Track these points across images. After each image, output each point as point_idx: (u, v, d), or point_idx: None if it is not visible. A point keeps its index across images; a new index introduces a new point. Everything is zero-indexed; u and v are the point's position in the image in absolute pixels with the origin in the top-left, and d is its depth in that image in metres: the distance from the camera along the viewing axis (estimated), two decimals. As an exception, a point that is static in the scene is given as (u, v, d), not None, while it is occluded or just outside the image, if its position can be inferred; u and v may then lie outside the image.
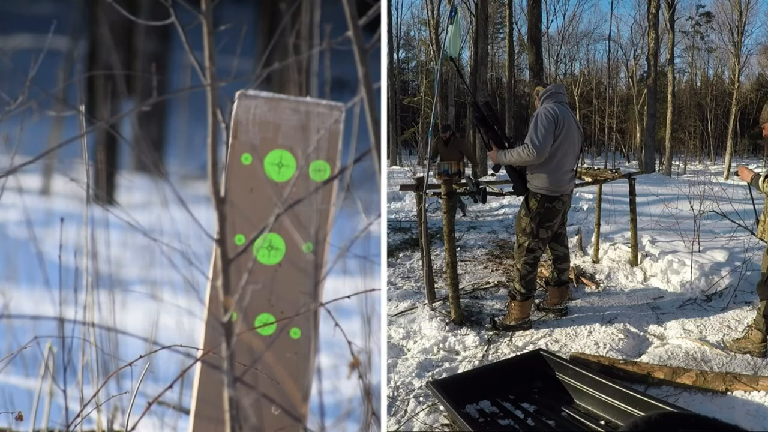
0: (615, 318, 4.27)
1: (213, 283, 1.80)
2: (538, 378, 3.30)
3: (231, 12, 5.08)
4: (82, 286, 2.54)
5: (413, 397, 3.25)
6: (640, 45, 24.13)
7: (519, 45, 22.60)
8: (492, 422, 3.02)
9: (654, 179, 10.87)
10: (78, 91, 5.17)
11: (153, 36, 6.43)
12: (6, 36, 7.35)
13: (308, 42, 1.91)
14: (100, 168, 5.07)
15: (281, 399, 1.81)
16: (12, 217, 5.03)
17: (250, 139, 1.88)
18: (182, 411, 2.98)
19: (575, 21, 27.72)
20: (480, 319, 4.36)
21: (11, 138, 2.69)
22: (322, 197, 1.86)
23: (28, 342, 2.18)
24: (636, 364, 3.41)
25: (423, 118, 21.39)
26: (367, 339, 1.85)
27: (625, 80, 27.55)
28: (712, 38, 24.56)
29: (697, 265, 4.95)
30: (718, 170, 20.87)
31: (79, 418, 2.04)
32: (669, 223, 6.33)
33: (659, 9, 17.60)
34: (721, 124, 26.16)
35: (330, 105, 1.90)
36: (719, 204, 6.11)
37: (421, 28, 25.81)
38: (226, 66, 1.85)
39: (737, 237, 5.57)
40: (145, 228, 1.83)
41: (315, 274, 1.80)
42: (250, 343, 1.82)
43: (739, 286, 4.59)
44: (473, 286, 5.17)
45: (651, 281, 5.18)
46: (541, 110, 3.97)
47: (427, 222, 4.71)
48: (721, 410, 3.01)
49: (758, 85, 25.49)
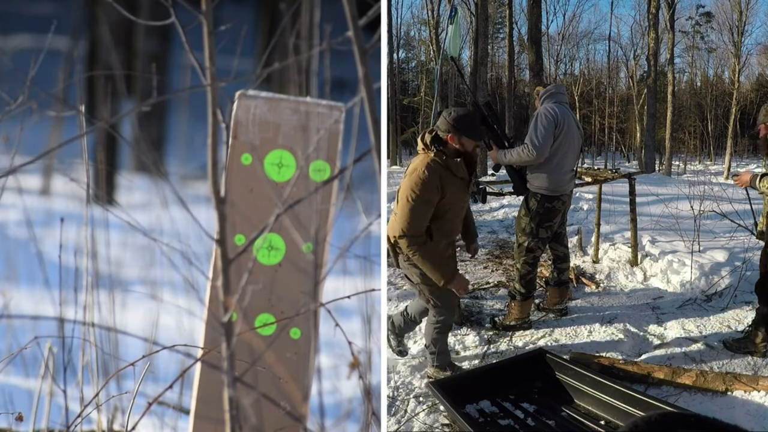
0: (615, 318, 4.27)
1: (213, 283, 1.80)
2: (538, 378, 3.30)
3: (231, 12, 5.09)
4: (82, 286, 2.54)
5: (413, 397, 3.25)
6: (640, 45, 24.15)
7: (519, 45, 22.62)
8: (492, 422, 3.02)
9: (654, 179, 10.87)
10: (78, 91, 5.17)
11: (153, 36, 6.43)
12: (6, 36, 7.35)
13: (308, 42, 1.91)
14: (100, 168, 5.07)
15: (281, 399, 1.81)
16: (12, 217, 5.03)
17: (250, 139, 1.88)
18: (182, 411, 2.98)
19: (575, 21, 27.77)
20: (480, 319, 4.37)
21: (11, 138, 2.69)
22: (322, 197, 1.86)
23: (28, 342, 2.18)
24: (636, 364, 3.41)
25: (423, 118, 21.40)
26: (367, 339, 1.85)
27: (625, 80, 27.58)
28: (712, 38, 24.58)
29: (697, 265, 4.95)
30: (718, 170, 20.90)
31: (79, 418, 2.04)
32: (669, 223, 6.33)
33: (659, 9, 17.61)
34: (721, 124, 26.18)
35: (330, 105, 1.90)
36: (719, 204, 6.10)
37: (421, 28, 25.83)
38: (226, 66, 1.85)
39: (737, 237, 5.57)
40: (145, 228, 1.83)
41: (315, 274, 1.80)
42: (250, 343, 1.82)
43: (739, 286, 4.59)
44: (473, 286, 5.17)
45: (651, 281, 5.18)
46: (541, 110, 3.97)
47: (427, 222, 4.71)
48: (721, 410, 3.01)
49: (758, 85, 25.51)
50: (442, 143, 3.10)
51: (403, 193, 3.05)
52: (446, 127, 3.08)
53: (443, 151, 3.09)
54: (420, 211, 3.02)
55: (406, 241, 3.03)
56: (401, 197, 3.07)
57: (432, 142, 3.10)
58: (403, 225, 3.03)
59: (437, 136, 3.12)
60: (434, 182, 3.02)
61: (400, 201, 3.08)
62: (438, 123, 3.16)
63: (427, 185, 3.00)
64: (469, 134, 3.08)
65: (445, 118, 3.10)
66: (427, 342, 3.47)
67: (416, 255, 3.06)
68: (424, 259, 3.08)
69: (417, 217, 3.02)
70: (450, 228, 3.21)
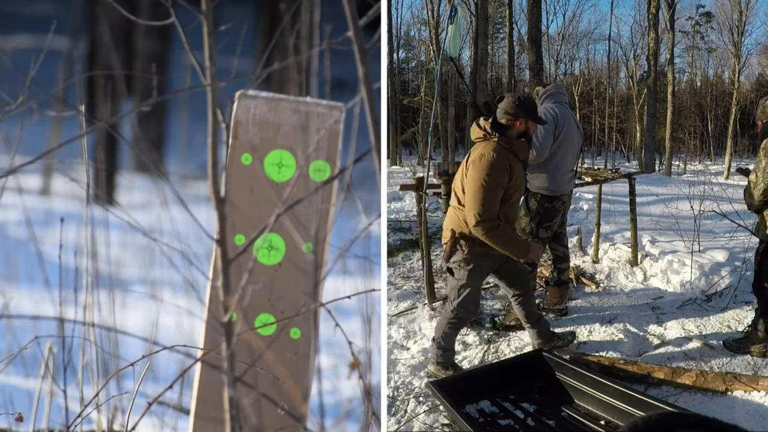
0: (615, 318, 4.27)
1: (213, 283, 1.80)
2: (538, 378, 3.30)
3: (231, 12, 5.08)
4: (82, 286, 2.55)
5: (413, 397, 3.25)
6: (640, 45, 24.13)
7: (519, 45, 22.60)
8: (492, 422, 3.02)
9: (654, 179, 10.86)
10: (78, 91, 5.17)
11: (153, 36, 6.43)
12: (6, 36, 7.35)
13: (308, 42, 1.91)
14: (100, 168, 5.07)
15: (281, 399, 1.81)
16: (12, 217, 5.03)
17: (250, 139, 1.88)
18: (182, 411, 2.98)
19: (575, 21, 27.74)
20: (480, 319, 4.36)
21: (11, 138, 2.69)
22: (322, 197, 1.86)
23: (28, 342, 2.18)
24: (636, 364, 3.41)
25: (423, 118, 21.38)
26: (367, 339, 1.85)
27: (625, 80, 27.56)
28: (712, 38, 24.57)
29: (697, 265, 4.95)
30: (718, 170, 20.89)
31: (79, 418, 2.04)
32: (669, 223, 6.33)
33: (659, 9, 17.60)
34: (721, 124, 26.18)
35: (330, 105, 1.90)
36: (719, 204, 6.10)
37: (421, 28, 25.80)
38: (226, 66, 1.85)
39: (737, 237, 5.57)
40: (145, 228, 1.83)
41: (315, 274, 1.80)
42: (250, 343, 1.82)
43: (739, 286, 4.59)
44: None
45: (651, 281, 5.18)
46: (540, 110, 3.97)
47: (427, 222, 4.72)
48: (721, 410, 3.01)
49: (758, 85, 25.50)
50: (503, 128, 3.22)
51: (474, 181, 3.13)
52: (515, 111, 3.20)
53: (506, 135, 3.21)
54: (493, 195, 3.13)
55: (482, 227, 3.13)
56: (471, 186, 3.15)
57: (492, 128, 3.21)
58: (477, 211, 3.12)
59: (495, 122, 3.22)
60: (504, 165, 3.13)
61: (469, 190, 3.16)
62: (501, 109, 3.25)
63: (498, 168, 3.12)
64: (534, 117, 3.27)
65: (513, 104, 3.21)
66: (436, 335, 3.50)
67: (494, 238, 3.16)
68: (502, 240, 3.19)
69: (491, 202, 3.13)
70: (513, 213, 3.36)
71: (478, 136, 3.27)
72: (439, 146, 18.41)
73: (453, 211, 3.36)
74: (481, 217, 3.11)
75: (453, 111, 19.10)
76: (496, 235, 3.16)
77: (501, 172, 3.13)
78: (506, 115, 3.22)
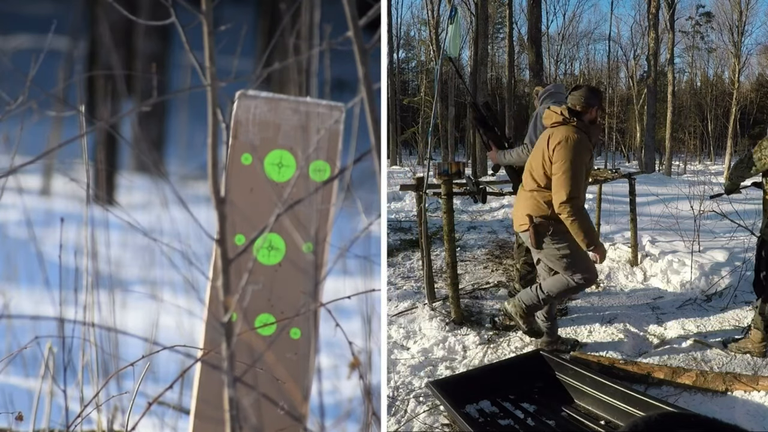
0: (615, 318, 4.27)
1: (213, 283, 1.80)
2: (538, 378, 3.30)
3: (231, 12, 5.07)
4: (82, 286, 2.54)
5: (413, 397, 3.25)
6: (640, 45, 24.10)
7: (519, 45, 22.58)
8: (492, 422, 3.02)
9: (654, 179, 10.86)
10: (78, 91, 5.18)
11: (153, 36, 6.43)
12: (6, 36, 7.35)
13: (308, 42, 1.91)
14: (100, 168, 5.07)
15: (281, 399, 1.81)
16: (12, 217, 5.03)
17: (250, 139, 1.88)
18: (182, 411, 2.98)
19: (575, 21, 27.67)
20: (480, 319, 4.36)
21: (11, 138, 2.69)
22: (322, 197, 1.86)
23: (28, 342, 2.18)
24: (636, 364, 3.41)
25: (423, 118, 21.37)
26: (367, 339, 1.85)
27: (625, 80, 27.53)
28: (712, 38, 24.53)
29: (697, 265, 4.95)
30: (718, 170, 20.87)
31: (79, 418, 2.04)
32: (669, 223, 6.32)
33: (659, 9, 17.59)
34: (721, 124, 26.16)
35: (330, 105, 1.90)
36: (719, 204, 6.10)
37: (421, 28, 25.78)
38: (226, 66, 1.85)
39: (737, 237, 5.56)
40: (145, 228, 1.83)
41: (315, 274, 1.80)
42: (250, 343, 1.82)
43: (739, 286, 4.59)
44: (473, 286, 5.17)
45: (651, 281, 5.18)
46: (540, 110, 3.97)
47: (427, 222, 4.71)
48: (721, 410, 3.01)
49: (758, 85, 25.49)
50: (578, 115, 3.39)
51: (563, 161, 3.27)
52: (588, 100, 3.39)
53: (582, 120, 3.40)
54: (579, 175, 3.29)
55: (570, 206, 3.24)
56: (561, 166, 3.27)
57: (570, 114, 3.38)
58: (567, 190, 3.24)
59: (570, 109, 3.40)
60: (587, 146, 3.35)
61: (558, 170, 3.28)
62: (578, 96, 3.42)
63: (582, 149, 3.32)
64: (600, 106, 3.45)
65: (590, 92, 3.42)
66: (547, 289, 3.54)
67: (577, 220, 3.27)
68: (582, 222, 3.29)
69: (577, 181, 3.27)
70: (584, 196, 3.44)
71: (556, 121, 3.40)
72: (439, 146, 18.42)
73: (528, 195, 3.46)
74: (570, 195, 3.23)
75: (453, 111, 19.11)
76: (580, 216, 3.28)
77: (586, 152, 3.33)
78: (583, 103, 3.37)
